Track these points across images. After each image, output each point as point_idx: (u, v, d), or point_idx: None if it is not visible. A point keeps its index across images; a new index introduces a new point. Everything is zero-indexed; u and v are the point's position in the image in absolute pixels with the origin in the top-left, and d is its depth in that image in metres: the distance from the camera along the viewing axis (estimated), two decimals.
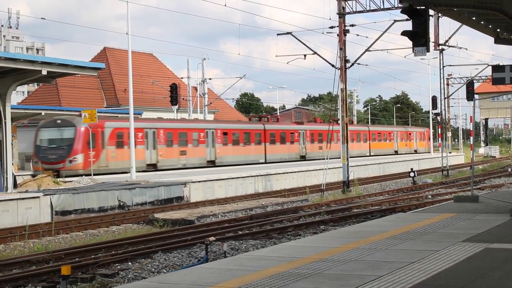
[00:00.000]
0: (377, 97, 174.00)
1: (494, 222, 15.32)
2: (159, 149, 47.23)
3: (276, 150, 59.24)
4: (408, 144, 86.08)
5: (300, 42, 40.74)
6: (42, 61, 27.51)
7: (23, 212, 25.45)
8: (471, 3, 16.56)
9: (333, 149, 65.37)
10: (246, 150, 55.82)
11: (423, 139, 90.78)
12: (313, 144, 64.84)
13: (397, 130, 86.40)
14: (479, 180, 44.14)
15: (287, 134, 61.40)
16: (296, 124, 65.94)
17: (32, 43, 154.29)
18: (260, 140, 57.71)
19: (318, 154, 63.73)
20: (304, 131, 63.92)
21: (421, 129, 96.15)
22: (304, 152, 63.12)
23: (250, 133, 56.65)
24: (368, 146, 75.53)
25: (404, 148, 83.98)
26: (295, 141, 62.52)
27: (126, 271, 16.16)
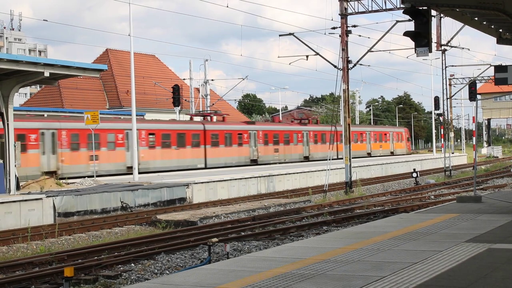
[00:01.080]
0: (380, 97, 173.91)
1: (497, 222, 15.30)
2: (60, 153, 40.85)
3: (220, 153, 52.93)
4: (383, 145, 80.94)
5: (302, 43, 40.76)
6: (44, 63, 27.53)
7: (26, 213, 25.47)
8: (473, 4, 16.55)
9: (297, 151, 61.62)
10: (180, 153, 49.36)
11: (400, 140, 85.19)
12: (267, 146, 58.79)
13: (370, 130, 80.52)
14: (482, 180, 44.11)
15: (234, 136, 54.94)
16: (245, 124, 59.12)
17: (35, 44, 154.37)
18: (198, 142, 51.22)
19: (273, 158, 59.19)
20: (256, 132, 57.71)
21: (399, 129, 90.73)
22: (255, 155, 57.14)
23: (185, 134, 49.75)
24: (336, 148, 68.64)
25: (378, 150, 78.94)
26: (244, 143, 56.08)
27: (129, 273, 16.16)
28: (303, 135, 64.46)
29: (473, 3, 16.55)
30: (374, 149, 77.74)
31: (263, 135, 58.41)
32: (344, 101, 40.16)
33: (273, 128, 61.43)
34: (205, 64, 65.91)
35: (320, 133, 67.52)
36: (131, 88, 38.18)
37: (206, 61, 66.00)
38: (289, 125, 65.66)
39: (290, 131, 62.71)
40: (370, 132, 78.42)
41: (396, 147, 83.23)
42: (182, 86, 63.15)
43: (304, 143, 64.43)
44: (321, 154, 64.74)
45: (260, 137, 57.76)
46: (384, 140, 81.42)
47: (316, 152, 65.73)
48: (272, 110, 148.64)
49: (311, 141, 65.62)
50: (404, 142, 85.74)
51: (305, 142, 64.73)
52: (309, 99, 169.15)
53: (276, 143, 59.95)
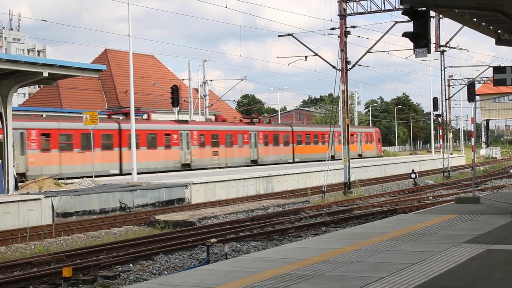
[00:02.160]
0: (378, 98, 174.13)
1: (496, 223, 15.31)
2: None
3: (141, 157, 44.91)
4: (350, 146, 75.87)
5: (301, 43, 40.75)
6: (43, 63, 27.52)
7: (24, 214, 25.45)
8: (472, 5, 16.56)
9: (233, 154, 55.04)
10: (85, 157, 41.76)
11: (370, 141, 78.30)
12: (204, 148, 52.36)
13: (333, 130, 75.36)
14: (481, 181, 44.13)
15: (160, 136, 48.02)
16: (175, 123, 51.42)
17: (33, 45, 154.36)
18: (112, 144, 44.57)
19: (211, 162, 52.78)
20: (189, 132, 51.18)
21: (368, 129, 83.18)
22: (188, 159, 50.58)
23: (92, 134, 39.47)
24: (291, 150, 63.76)
25: None
26: (173, 145, 49.50)
27: (127, 273, 16.15)
28: (250, 136, 57.96)
29: (472, 4, 16.55)
30: (339, 151, 70.21)
31: (198, 135, 51.71)
32: (342, 102, 40.20)
33: (211, 127, 54.44)
34: (204, 65, 65.95)
35: (272, 133, 61.11)
36: (130, 89, 38.18)
37: (205, 61, 66.05)
38: (233, 124, 58.88)
39: (234, 132, 56.13)
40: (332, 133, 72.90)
41: (365, 149, 76.43)
42: (181, 87, 63.20)
43: (251, 145, 57.95)
44: (272, 158, 59.96)
45: (194, 138, 51.13)
46: (351, 141, 74.56)
47: (267, 155, 59.62)
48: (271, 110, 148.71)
49: (261, 143, 59.12)
50: (374, 143, 79.32)
51: (253, 143, 58.19)
52: (308, 99, 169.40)
53: (215, 144, 53.43)
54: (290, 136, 63.77)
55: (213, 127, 54.81)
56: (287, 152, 62.61)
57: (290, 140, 63.68)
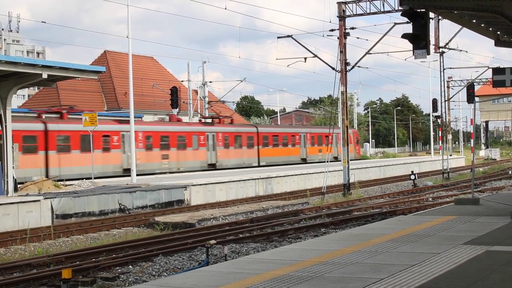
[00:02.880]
0: (378, 100, 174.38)
1: (495, 224, 15.31)
2: None
3: (73, 161, 41.39)
4: (323, 149, 66.35)
5: (300, 45, 40.78)
6: (42, 65, 27.52)
7: (24, 215, 25.44)
8: (471, 6, 16.56)
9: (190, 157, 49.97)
10: None
11: None
12: (151, 151, 47.54)
13: (306, 131, 68.85)
14: (480, 182, 44.14)
15: (97, 138, 42.65)
16: (116, 124, 46.27)
17: (33, 46, 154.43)
18: (36, 147, 39.94)
19: (160, 166, 48.21)
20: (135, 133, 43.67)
21: None
22: (127, 163, 43.91)
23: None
24: (256, 153, 59.27)
25: (317, 154, 66.89)
26: (113, 147, 44.80)
27: (127, 275, 16.15)
28: (207, 138, 53.40)
29: (471, 6, 16.55)
30: (311, 154, 66.69)
31: (144, 137, 46.81)
32: (342, 103, 40.20)
33: (160, 128, 49.78)
34: (203, 66, 65.97)
35: (234, 134, 56.77)
36: (129, 90, 38.18)
37: (204, 63, 66.07)
38: (187, 124, 54.04)
39: (188, 133, 51.50)
40: (305, 134, 67.13)
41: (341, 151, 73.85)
42: (180, 88, 63.13)
43: (208, 148, 53.37)
44: (234, 161, 55.90)
45: (139, 140, 46.01)
46: (325, 143, 68.14)
47: (227, 158, 55.31)
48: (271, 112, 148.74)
49: (220, 145, 54.77)
50: (352, 145, 72.39)
51: (211, 146, 53.65)
52: (307, 101, 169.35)
53: (165, 147, 48.74)
54: (255, 137, 59.29)
55: (162, 127, 50.12)
56: (251, 155, 58.19)
57: (255, 142, 59.14)
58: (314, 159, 65.78)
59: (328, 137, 65.79)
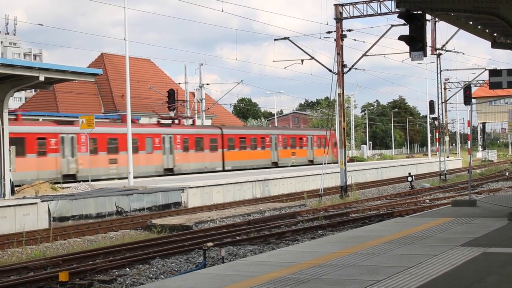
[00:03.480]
0: (375, 101, 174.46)
1: (492, 226, 15.32)
2: None
3: None
4: (297, 152, 65.91)
5: (297, 47, 40.81)
6: (39, 67, 27.48)
7: (21, 218, 25.40)
8: (468, 8, 16.58)
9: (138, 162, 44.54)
10: None
11: (323, 145, 67.60)
12: (97, 155, 44.26)
13: (277, 133, 64.34)
14: (477, 184, 44.17)
15: (30, 141, 39.79)
16: (56, 125, 42.71)
17: (30, 49, 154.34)
18: None
19: (107, 172, 44.80)
20: (75, 136, 42.29)
21: (321, 132, 71.17)
22: (74, 168, 42.25)
23: None
24: (220, 156, 55.45)
25: (290, 158, 64.26)
26: (50, 151, 41.28)
27: (124, 277, 16.13)
28: (163, 140, 49.77)
29: (468, 8, 16.58)
30: (284, 157, 63.37)
31: (88, 140, 41.50)
32: (339, 105, 40.23)
33: (106, 130, 45.17)
34: (200, 69, 66.05)
35: (194, 137, 53.06)
36: (126, 92, 38.16)
37: (201, 65, 66.14)
38: (141, 126, 48.73)
39: (140, 135, 47.56)
40: (276, 136, 63.25)
41: (318, 154, 68.26)
42: (178, 91, 63.24)
43: (165, 151, 49.58)
44: (194, 166, 52.18)
45: (82, 143, 42.40)
46: (299, 145, 66.30)
47: (186, 162, 51.69)
48: (268, 114, 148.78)
49: (179, 148, 51.08)
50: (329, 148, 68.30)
51: (167, 149, 49.99)
52: (304, 103, 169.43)
53: (113, 151, 45.24)
54: (219, 140, 55.32)
55: (109, 129, 45.81)
56: (214, 158, 54.32)
57: (219, 145, 55.19)
58: (287, 163, 62.61)
59: (303, 139, 66.79)
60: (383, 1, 37.29)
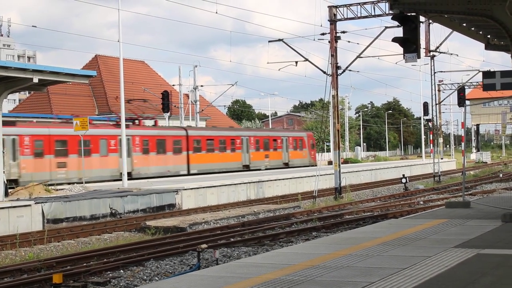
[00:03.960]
0: (369, 103, 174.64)
1: (486, 227, 15.35)
2: None
3: None
4: (271, 154, 61.89)
5: (291, 49, 40.85)
6: (33, 69, 27.44)
7: (14, 220, 25.35)
8: (462, 10, 16.62)
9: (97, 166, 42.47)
10: None
11: (300, 148, 66.60)
12: (42, 159, 40.75)
13: (249, 134, 60.71)
14: (471, 186, 44.22)
15: None
16: None
17: (24, 51, 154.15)
18: None
19: (55, 176, 40.71)
20: (18, 137, 39.21)
21: (298, 134, 70.94)
22: (15, 173, 38.79)
23: None
24: (185, 159, 51.34)
25: (262, 160, 60.36)
26: None
27: (118, 279, 16.11)
28: (120, 143, 43.55)
29: (462, 9, 16.62)
30: (256, 160, 59.47)
31: (32, 142, 39.68)
32: (333, 107, 40.24)
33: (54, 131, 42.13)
34: (194, 70, 65.90)
35: (156, 138, 48.91)
36: (120, 94, 38.13)
37: (195, 67, 66.00)
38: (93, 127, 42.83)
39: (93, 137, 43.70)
40: (248, 138, 59.43)
41: (293, 157, 64.86)
42: (172, 92, 63.10)
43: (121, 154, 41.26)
44: (155, 169, 48.23)
45: (25, 146, 39.79)
46: (273, 147, 62.56)
47: (146, 166, 47.82)
48: (262, 116, 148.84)
49: (138, 151, 47.36)
50: (306, 150, 67.45)
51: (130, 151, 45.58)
52: (298, 104, 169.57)
53: (62, 154, 42.01)
54: (183, 141, 51.51)
55: (57, 130, 42.43)
56: (178, 161, 50.39)
57: (184, 147, 51.32)
58: (259, 166, 59.00)
59: (277, 140, 62.63)
60: (377, 3, 37.35)
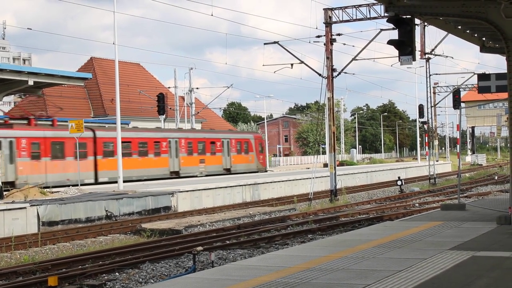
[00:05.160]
0: (364, 105, 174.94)
1: (481, 230, 15.37)
2: None
3: None
4: (208, 159, 54.36)
5: (287, 51, 40.83)
6: (28, 71, 27.47)
7: (10, 223, 25.31)
8: (457, 12, 16.64)
9: None
10: None
11: (245, 151, 59.47)
12: None
13: (178, 136, 52.33)
14: (466, 188, 44.25)
15: None
16: None
17: (19, 53, 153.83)
18: None
19: None
20: None
21: (243, 135, 63.41)
22: None
23: None
24: (92, 166, 43.97)
25: (197, 166, 52.85)
26: None
27: (113, 282, 16.09)
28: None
29: (456, 12, 16.64)
30: (188, 166, 52.18)
31: None
32: (328, 109, 40.26)
33: None
34: (190, 73, 65.88)
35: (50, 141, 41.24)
36: (115, 97, 38.10)
37: (191, 69, 65.99)
38: None
39: None
40: (177, 140, 51.80)
41: (237, 161, 57.98)
42: (167, 95, 63.09)
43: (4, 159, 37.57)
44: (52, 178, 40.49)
45: None
46: (211, 151, 55.14)
47: (37, 174, 40.02)
48: (258, 118, 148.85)
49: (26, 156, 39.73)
50: (253, 154, 60.25)
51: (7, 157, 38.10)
52: (294, 107, 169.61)
53: None
54: (89, 144, 44.00)
55: None
56: (83, 168, 41.14)
57: (90, 151, 43.96)
58: (193, 172, 51.98)
59: (216, 143, 54.41)
60: (373, 6, 37.38)
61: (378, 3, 36.67)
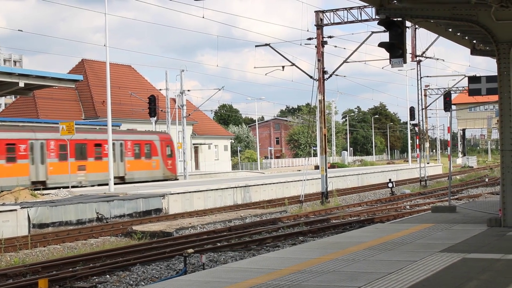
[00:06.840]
0: (356, 108, 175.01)
1: (472, 232, 15.41)
2: None
3: None
4: (90, 165, 44.90)
5: (278, 53, 40.88)
6: (19, 73, 27.32)
7: (0, 225, 25.21)
8: (447, 15, 16.69)
9: None
10: None
11: (146, 156, 50.86)
12: None
13: (46, 137, 42.43)
14: (457, 190, 44.37)
15: None
16: None
17: (9, 55, 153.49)
18: None
19: None
20: None
21: (145, 136, 52.53)
22: None
23: None
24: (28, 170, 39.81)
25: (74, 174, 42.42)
26: None
27: (104, 284, 16.07)
28: None
29: (447, 15, 16.69)
30: (58, 174, 42.02)
31: None
32: (320, 112, 40.30)
33: None
34: (181, 75, 65.78)
35: None
36: (106, 99, 38.05)
37: (182, 71, 65.90)
38: None
39: None
40: (44, 142, 42.19)
41: (135, 168, 49.30)
42: (158, 97, 63.12)
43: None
44: None
45: None
46: (94, 156, 45.63)
47: None
48: (249, 120, 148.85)
49: None
50: (158, 158, 52.00)
51: None
52: (285, 109, 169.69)
53: None
54: None
55: None
56: None
57: None
58: (67, 182, 39.89)
59: (103, 145, 43.85)
60: (364, 8, 37.47)
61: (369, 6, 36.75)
